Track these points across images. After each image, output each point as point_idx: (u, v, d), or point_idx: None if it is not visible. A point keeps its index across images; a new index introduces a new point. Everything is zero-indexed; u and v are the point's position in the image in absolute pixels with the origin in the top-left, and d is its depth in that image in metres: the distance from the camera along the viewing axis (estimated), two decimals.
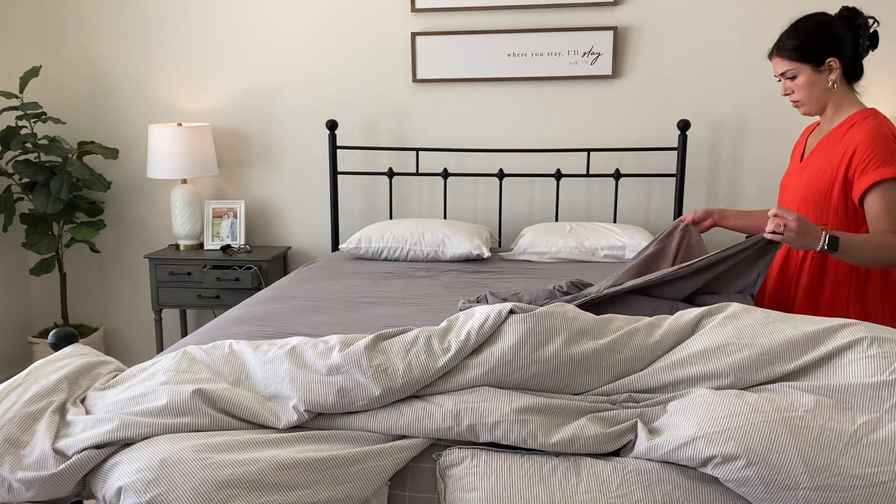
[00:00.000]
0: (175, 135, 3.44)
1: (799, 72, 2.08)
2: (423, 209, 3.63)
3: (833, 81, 2.07)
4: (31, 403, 1.49)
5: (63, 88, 3.78)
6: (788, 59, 2.08)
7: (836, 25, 2.06)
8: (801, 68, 2.07)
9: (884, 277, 2.10)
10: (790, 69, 2.09)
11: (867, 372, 1.45)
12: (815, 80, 2.08)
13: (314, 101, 3.62)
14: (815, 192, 2.11)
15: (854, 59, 2.08)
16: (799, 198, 2.16)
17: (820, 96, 2.10)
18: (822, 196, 2.09)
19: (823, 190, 2.09)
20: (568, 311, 1.62)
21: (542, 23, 3.37)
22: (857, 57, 2.07)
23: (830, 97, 2.11)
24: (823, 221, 2.10)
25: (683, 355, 1.56)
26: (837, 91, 2.09)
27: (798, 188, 2.17)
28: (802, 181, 2.16)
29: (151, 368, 1.63)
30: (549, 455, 1.42)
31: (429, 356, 1.52)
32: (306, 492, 1.30)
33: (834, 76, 2.07)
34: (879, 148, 1.98)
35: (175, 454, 1.32)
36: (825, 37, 2.05)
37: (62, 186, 3.40)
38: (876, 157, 1.98)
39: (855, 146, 2.02)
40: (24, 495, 1.37)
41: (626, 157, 3.42)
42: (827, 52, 2.05)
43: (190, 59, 3.67)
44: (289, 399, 1.50)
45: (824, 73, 2.07)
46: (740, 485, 1.30)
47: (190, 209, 3.59)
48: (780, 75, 2.13)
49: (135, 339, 3.99)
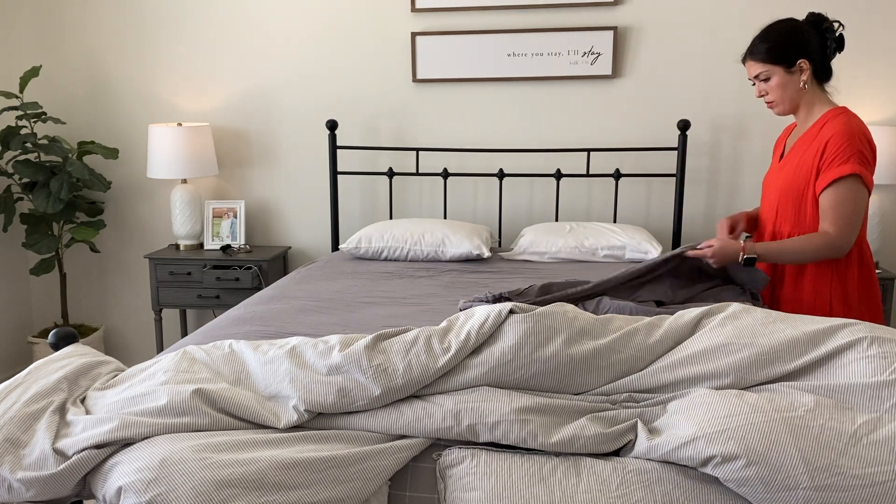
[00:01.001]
0: (175, 135, 3.44)
1: (772, 73, 2.19)
2: (423, 209, 3.63)
3: (804, 82, 2.17)
4: (31, 403, 1.49)
5: (63, 88, 3.78)
6: (761, 61, 2.19)
7: (804, 29, 2.17)
8: (774, 70, 2.18)
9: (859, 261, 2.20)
10: (763, 71, 2.20)
11: (867, 372, 1.45)
12: (787, 81, 2.19)
13: (314, 101, 3.62)
14: (792, 189, 2.21)
15: (822, 61, 2.19)
16: (778, 195, 2.27)
17: (792, 96, 2.21)
18: (799, 193, 2.20)
19: (800, 187, 2.19)
20: (568, 311, 1.62)
21: (542, 23, 3.37)
22: (825, 58, 2.19)
23: (802, 97, 2.21)
24: (801, 217, 2.21)
25: (683, 355, 1.56)
26: (809, 91, 2.20)
27: (777, 186, 2.29)
28: (781, 179, 2.27)
29: (151, 368, 1.63)
30: (549, 455, 1.42)
31: (429, 356, 1.52)
32: (306, 492, 1.30)
33: (805, 77, 2.17)
34: (846, 144, 2.09)
35: (175, 454, 1.32)
36: (794, 40, 2.16)
37: (62, 186, 3.40)
38: (841, 153, 2.09)
39: (826, 141, 2.13)
40: (24, 495, 1.37)
41: (626, 157, 3.42)
42: (797, 53, 2.16)
43: (190, 59, 3.67)
44: (289, 399, 1.50)
45: (796, 74, 2.18)
46: (740, 485, 1.30)
47: (190, 209, 3.59)
48: (753, 78, 2.24)
49: (135, 339, 3.99)
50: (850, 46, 3.22)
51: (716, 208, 3.43)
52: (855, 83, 3.23)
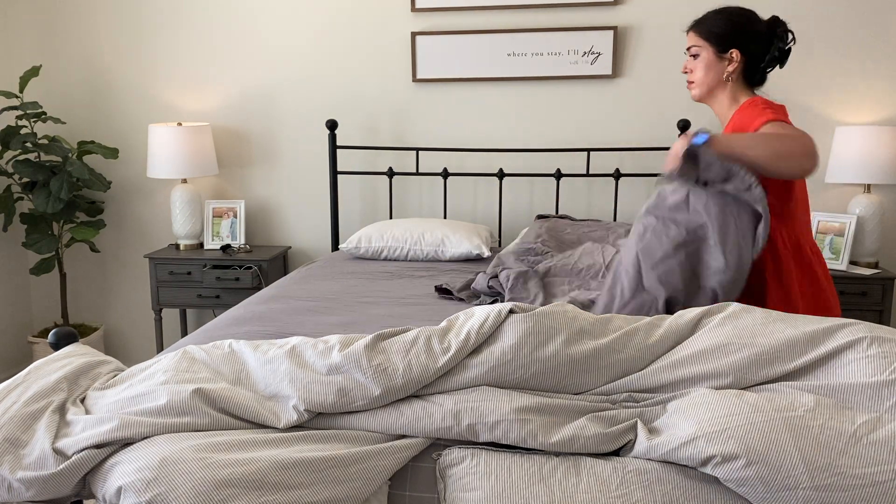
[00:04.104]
0: (175, 135, 3.44)
1: (702, 51, 2.09)
2: (423, 209, 3.63)
3: (729, 73, 2.07)
4: (30, 403, 1.49)
5: (63, 88, 3.78)
6: (698, 34, 2.10)
7: (756, 22, 2.06)
8: (705, 48, 2.08)
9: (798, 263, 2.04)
10: (696, 45, 2.10)
11: (867, 372, 1.45)
12: (712, 65, 2.08)
13: (314, 101, 3.62)
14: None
15: (757, 62, 2.07)
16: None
17: (712, 83, 2.10)
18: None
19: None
20: (568, 311, 1.62)
21: (541, 22, 3.37)
22: (760, 61, 2.07)
23: (723, 90, 2.10)
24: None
25: (683, 355, 1.56)
26: (731, 86, 2.09)
27: None
28: None
29: (151, 368, 1.63)
30: (549, 455, 1.42)
31: (429, 356, 1.52)
32: (306, 491, 1.30)
33: (731, 69, 2.06)
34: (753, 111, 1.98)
35: (175, 454, 1.32)
36: (738, 28, 2.05)
37: (62, 186, 3.40)
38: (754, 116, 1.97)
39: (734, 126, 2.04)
40: (24, 495, 1.37)
41: (626, 157, 3.42)
42: (734, 42, 2.05)
43: (190, 59, 3.67)
44: (289, 399, 1.50)
45: (724, 61, 2.07)
46: (740, 484, 1.30)
47: (190, 209, 3.59)
48: (687, 49, 2.15)
49: (135, 338, 3.99)
50: (852, 45, 3.23)
51: None
52: (854, 83, 3.23)
